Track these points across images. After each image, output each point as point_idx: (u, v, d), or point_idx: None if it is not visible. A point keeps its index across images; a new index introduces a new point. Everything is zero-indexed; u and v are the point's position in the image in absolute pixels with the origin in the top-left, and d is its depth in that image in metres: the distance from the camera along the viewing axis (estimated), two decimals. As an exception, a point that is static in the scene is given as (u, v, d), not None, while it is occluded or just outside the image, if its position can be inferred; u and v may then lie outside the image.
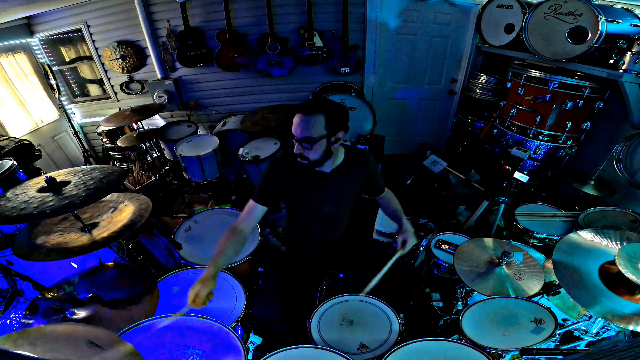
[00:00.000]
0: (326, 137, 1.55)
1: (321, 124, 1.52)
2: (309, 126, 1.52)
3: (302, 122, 1.53)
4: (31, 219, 1.40)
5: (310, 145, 1.54)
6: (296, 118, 1.55)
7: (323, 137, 1.54)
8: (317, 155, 1.58)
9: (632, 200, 2.74)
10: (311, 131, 1.52)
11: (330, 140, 1.58)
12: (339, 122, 1.59)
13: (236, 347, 1.36)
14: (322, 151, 1.58)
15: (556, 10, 2.64)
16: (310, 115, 1.51)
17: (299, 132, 1.55)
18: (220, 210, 2.52)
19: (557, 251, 1.64)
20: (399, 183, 3.50)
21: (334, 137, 1.59)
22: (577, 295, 1.45)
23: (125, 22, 3.66)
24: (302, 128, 1.53)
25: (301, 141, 1.55)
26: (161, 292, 1.60)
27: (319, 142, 1.54)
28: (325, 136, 1.55)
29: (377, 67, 4.00)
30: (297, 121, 1.55)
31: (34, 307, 1.48)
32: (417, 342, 1.45)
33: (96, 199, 1.50)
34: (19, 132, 3.54)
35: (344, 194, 1.80)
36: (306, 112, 1.52)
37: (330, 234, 1.92)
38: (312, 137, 1.52)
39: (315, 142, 1.53)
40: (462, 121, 4.01)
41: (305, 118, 1.52)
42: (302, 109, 1.54)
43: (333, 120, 1.55)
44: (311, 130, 1.52)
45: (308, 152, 1.57)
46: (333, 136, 1.58)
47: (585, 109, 2.80)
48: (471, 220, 2.84)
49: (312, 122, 1.51)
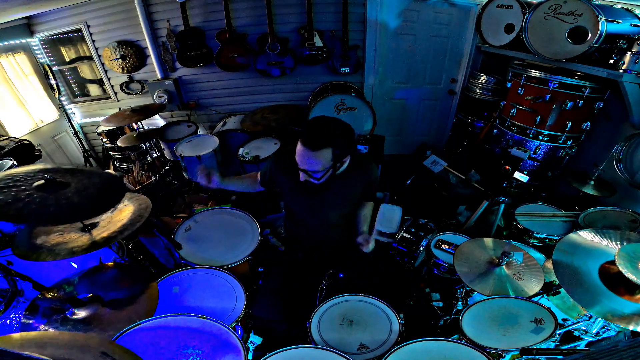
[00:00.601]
0: (332, 167, 1.53)
1: (328, 157, 1.47)
2: (315, 161, 1.47)
3: (308, 158, 1.47)
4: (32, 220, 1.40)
5: (317, 179, 1.53)
6: (301, 150, 1.47)
7: (330, 168, 1.52)
8: (323, 180, 1.57)
9: (632, 200, 2.74)
10: (318, 166, 1.48)
11: (336, 167, 1.56)
12: (345, 150, 1.54)
13: (236, 347, 1.36)
14: (328, 176, 1.57)
15: (556, 10, 2.64)
16: (317, 150, 1.44)
17: (304, 165, 1.50)
18: (220, 210, 2.52)
19: (557, 251, 1.64)
20: (399, 183, 3.50)
21: (340, 162, 1.56)
22: (577, 295, 1.45)
23: (125, 22, 3.66)
24: (308, 163, 1.48)
25: (306, 172, 1.53)
26: (161, 292, 1.60)
27: (326, 173, 1.53)
28: (332, 166, 1.52)
29: (377, 67, 4.00)
30: (302, 154, 1.48)
31: (34, 307, 1.47)
32: (417, 342, 1.45)
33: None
34: (19, 132, 3.54)
35: (344, 198, 1.80)
36: (313, 147, 1.44)
37: (329, 233, 1.92)
38: (319, 170, 1.50)
39: (324, 173, 1.52)
40: (462, 121, 4.01)
41: (311, 154, 1.45)
42: (308, 142, 1.45)
43: (340, 152, 1.50)
44: (318, 165, 1.48)
45: (314, 180, 1.56)
46: (339, 162, 1.55)
47: (585, 109, 2.80)
48: (471, 220, 2.84)
49: (319, 157, 1.46)
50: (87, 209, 1.43)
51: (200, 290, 1.80)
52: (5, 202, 1.30)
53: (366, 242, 1.72)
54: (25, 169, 1.51)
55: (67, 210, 1.38)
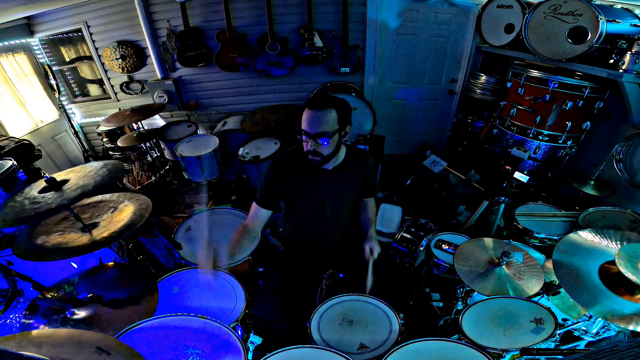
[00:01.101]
0: (338, 132, 1.58)
1: (334, 118, 1.54)
2: (323, 121, 1.53)
3: (317, 118, 1.53)
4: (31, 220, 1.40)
5: (328, 140, 1.55)
6: (308, 114, 1.54)
7: (336, 131, 1.57)
8: (330, 149, 1.61)
9: (632, 200, 2.73)
10: (327, 126, 1.54)
11: (341, 134, 1.61)
12: (347, 116, 1.62)
13: (236, 347, 1.36)
14: (335, 145, 1.62)
15: (556, 10, 2.64)
16: (323, 110, 1.53)
17: (314, 128, 1.55)
18: (220, 210, 2.52)
19: (557, 251, 1.64)
20: (399, 183, 3.50)
21: (344, 130, 1.62)
22: (577, 295, 1.45)
23: (125, 22, 3.66)
24: (317, 124, 1.53)
25: (317, 137, 1.55)
26: (161, 292, 1.60)
27: (334, 136, 1.57)
28: (338, 130, 1.57)
29: (377, 67, 4.00)
30: (309, 117, 1.54)
31: (34, 307, 1.48)
32: (417, 342, 1.45)
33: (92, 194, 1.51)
34: (19, 132, 3.54)
35: (343, 192, 1.81)
36: (319, 107, 1.53)
37: (329, 232, 1.93)
38: (327, 131, 1.54)
39: (331, 136, 1.55)
40: (462, 121, 4.01)
41: (319, 114, 1.53)
42: (313, 105, 1.55)
43: (343, 115, 1.58)
44: (326, 125, 1.53)
45: (322, 148, 1.58)
46: (343, 130, 1.61)
47: (585, 109, 2.80)
48: (471, 220, 2.84)
49: (327, 117, 1.53)
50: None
51: (200, 290, 1.79)
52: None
53: (372, 251, 1.81)
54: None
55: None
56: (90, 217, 1.76)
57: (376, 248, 1.84)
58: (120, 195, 1.90)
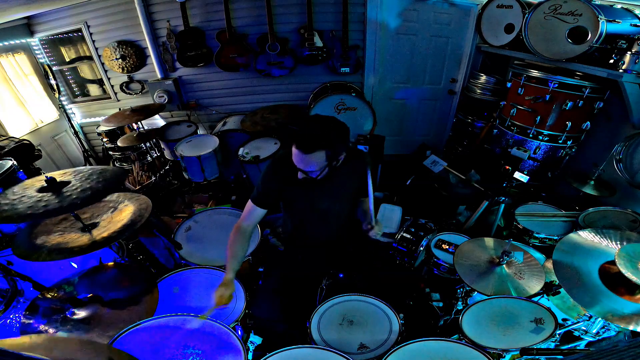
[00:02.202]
0: (328, 165, 1.58)
1: (322, 158, 1.52)
2: (310, 162, 1.52)
3: (303, 160, 1.52)
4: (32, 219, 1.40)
5: (315, 176, 1.59)
6: (296, 152, 1.53)
7: (325, 167, 1.57)
8: (320, 176, 1.63)
9: (632, 200, 2.73)
10: (313, 166, 1.54)
11: (332, 165, 1.60)
12: (339, 150, 1.58)
13: (236, 347, 1.36)
14: (325, 173, 1.62)
15: (556, 10, 2.64)
16: (310, 154, 1.49)
17: (300, 166, 1.56)
18: (220, 210, 2.52)
19: (557, 251, 1.64)
20: (399, 183, 3.50)
21: (336, 160, 1.61)
22: (577, 295, 1.45)
23: (125, 22, 3.66)
24: (304, 163, 1.53)
25: (303, 172, 1.58)
26: (161, 292, 1.60)
27: (323, 170, 1.58)
28: (327, 165, 1.57)
29: (377, 67, 4.00)
30: (297, 157, 1.54)
31: (34, 307, 1.48)
32: (417, 342, 1.45)
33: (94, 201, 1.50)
34: (19, 132, 3.54)
35: (341, 191, 1.82)
36: (306, 151, 1.49)
37: (327, 231, 1.93)
38: (313, 170, 1.56)
39: (319, 174, 1.58)
40: (462, 121, 4.01)
41: (305, 157, 1.50)
42: (301, 146, 1.49)
43: (334, 152, 1.54)
44: (313, 166, 1.54)
45: (312, 174, 1.61)
46: (334, 160, 1.59)
47: (585, 109, 2.79)
48: (471, 220, 2.84)
49: (313, 159, 1.51)
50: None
51: (200, 290, 1.80)
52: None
53: (370, 226, 1.69)
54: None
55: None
56: (90, 217, 1.76)
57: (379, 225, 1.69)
58: (120, 195, 1.90)
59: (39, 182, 1.54)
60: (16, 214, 1.36)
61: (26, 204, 1.40)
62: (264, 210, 1.79)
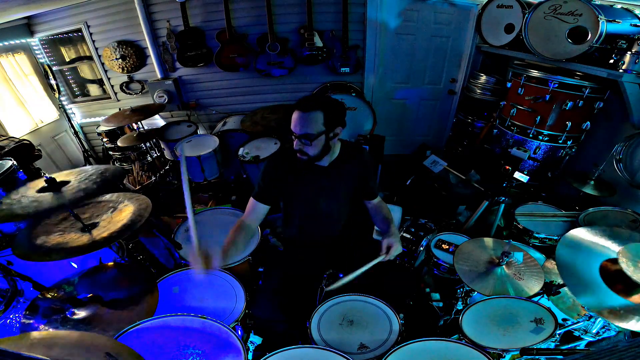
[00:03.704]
0: (325, 133, 1.59)
1: (319, 120, 1.56)
2: (307, 123, 1.56)
3: (301, 119, 1.57)
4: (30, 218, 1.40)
5: (310, 141, 1.58)
6: (295, 115, 1.59)
7: (322, 133, 1.58)
8: (316, 150, 1.63)
9: (632, 200, 2.73)
10: (310, 128, 1.56)
11: (329, 136, 1.62)
12: (336, 118, 1.63)
13: (236, 347, 1.36)
14: (321, 146, 1.63)
15: (556, 10, 2.64)
16: (308, 112, 1.56)
17: (298, 129, 1.58)
18: (221, 210, 2.52)
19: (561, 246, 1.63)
20: (399, 183, 3.50)
21: (332, 132, 1.63)
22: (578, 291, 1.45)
23: (125, 22, 3.66)
24: (301, 125, 1.57)
25: (300, 137, 1.59)
26: (161, 292, 1.60)
27: (318, 138, 1.58)
28: (324, 132, 1.59)
29: (377, 67, 4.00)
30: (296, 118, 1.59)
31: (34, 307, 1.48)
32: (417, 342, 1.45)
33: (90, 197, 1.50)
34: (19, 132, 3.54)
35: (340, 187, 1.82)
36: (304, 109, 1.56)
37: (327, 229, 1.93)
38: (311, 133, 1.57)
39: (315, 138, 1.58)
40: (462, 121, 4.01)
41: (303, 115, 1.56)
42: (300, 106, 1.58)
43: (331, 117, 1.59)
44: (310, 126, 1.56)
45: (307, 148, 1.62)
46: (331, 132, 1.62)
47: (585, 109, 2.79)
48: (471, 220, 2.84)
49: (311, 118, 1.56)
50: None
51: (200, 290, 1.80)
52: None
53: (389, 248, 1.68)
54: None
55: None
56: (90, 217, 1.76)
57: (396, 246, 1.69)
58: (120, 195, 1.90)
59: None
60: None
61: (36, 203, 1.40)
62: (266, 206, 1.78)
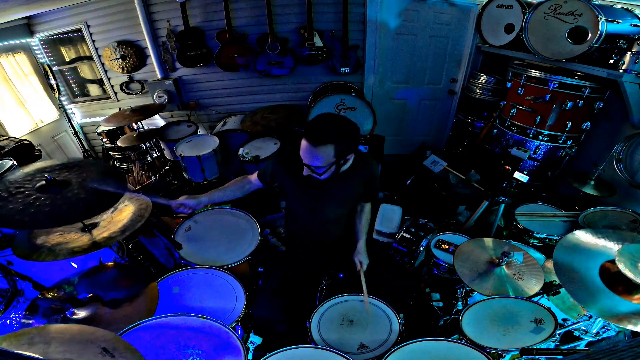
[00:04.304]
0: (335, 164, 1.55)
1: (330, 153, 1.49)
2: (317, 157, 1.50)
3: (310, 152, 1.50)
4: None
5: (320, 174, 1.55)
6: (304, 144, 1.51)
7: (332, 164, 1.54)
8: (326, 176, 1.59)
9: (632, 200, 2.73)
10: (320, 161, 1.51)
11: (339, 164, 1.57)
12: (348, 147, 1.55)
13: (236, 347, 1.36)
14: (331, 173, 1.59)
15: (556, 10, 2.64)
16: (318, 146, 1.47)
17: (307, 160, 1.53)
18: (220, 210, 2.52)
19: (558, 250, 1.63)
20: (399, 183, 3.50)
21: (343, 160, 1.57)
22: (576, 293, 1.45)
23: (125, 22, 3.66)
24: (310, 157, 1.51)
25: (309, 167, 1.55)
26: (161, 292, 1.60)
27: (329, 169, 1.55)
28: (334, 163, 1.54)
29: (377, 67, 4.00)
30: (305, 148, 1.51)
31: (34, 307, 1.48)
32: (417, 342, 1.45)
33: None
34: (19, 132, 3.54)
35: (344, 196, 1.80)
36: (314, 143, 1.47)
37: (328, 232, 1.93)
38: (320, 166, 1.52)
39: (325, 170, 1.54)
40: (462, 121, 4.01)
41: (313, 149, 1.48)
42: (310, 137, 1.48)
43: (342, 149, 1.52)
44: (320, 160, 1.50)
45: (317, 175, 1.58)
46: (342, 160, 1.57)
47: (585, 109, 2.79)
48: (471, 220, 2.84)
49: (321, 153, 1.48)
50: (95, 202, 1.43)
51: (200, 290, 1.80)
52: (18, 210, 1.30)
53: (361, 264, 1.82)
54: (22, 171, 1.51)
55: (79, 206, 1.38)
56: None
57: (365, 260, 1.84)
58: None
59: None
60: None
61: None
62: (260, 184, 1.92)
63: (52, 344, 0.95)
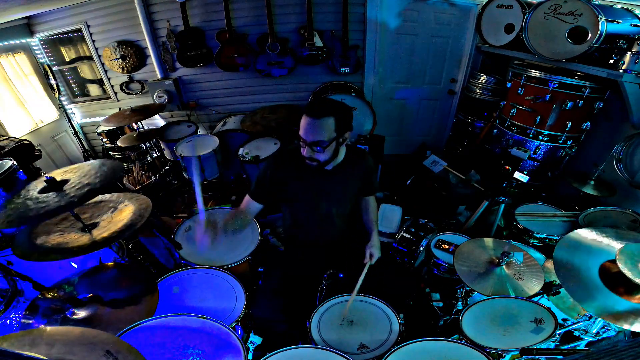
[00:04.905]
0: (335, 139, 1.57)
1: (331, 126, 1.52)
2: (319, 130, 1.52)
3: (313, 126, 1.52)
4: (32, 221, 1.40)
5: (322, 149, 1.55)
6: (305, 121, 1.53)
7: (333, 139, 1.56)
8: (327, 156, 1.61)
9: (632, 200, 2.73)
10: (322, 135, 1.52)
11: (339, 141, 1.60)
12: (346, 123, 1.60)
13: (236, 347, 1.36)
14: (332, 152, 1.61)
15: (556, 10, 2.64)
16: (320, 118, 1.50)
17: (309, 136, 1.54)
18: (221, 210, 2.52)
19: (559, 249, 1.63)
20: (399, 183, 3.50)
21: (342, 137, 1.61)
22: (576, 293, 1.45)
23: (125, 22, 3.66)
24: (313, 132, 1.52)
25: (312, 145, 1.55)
26: (161, 292, 1.60)
27: (330, 144, 1.56)
28: (335, 138, 1.56)
29: (377, 67, 4.00)
30: (306, 125, 1.53)
31: (34, 307, 1.47)
32: (417, 342, 1.45)
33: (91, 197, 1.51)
34: (19, 132, 3.54)
35: (343, 191, 1.82)
36: (316, 115, 1.51)
37: (328, 231, 1.93)
38: (323, 140, 1.53)
39: (327, 145, 1.55)
40: (462, 121, 4.01)
41: (315, 122, 1.51)
42: (311, 112, 1.52)
43: (342, 122, 1.56)
44: (322, 133, 1.52)
45: (318, 155, 1.59)
46: (341, 137, 1.60)
47: (585, 109, 2.79)
48: (471, 220, 2.84)
49: (323, 125, 1.51)
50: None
51: (200, 290, 1.80)
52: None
53: (371, 256, 1.81)
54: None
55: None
56: (90, 217, 1.76)
57: (376, 253, 1.83)
58: (120, 195, 1.90)
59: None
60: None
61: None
62: (260, 205, 1.83)
63: (56, 346, 0.95)
